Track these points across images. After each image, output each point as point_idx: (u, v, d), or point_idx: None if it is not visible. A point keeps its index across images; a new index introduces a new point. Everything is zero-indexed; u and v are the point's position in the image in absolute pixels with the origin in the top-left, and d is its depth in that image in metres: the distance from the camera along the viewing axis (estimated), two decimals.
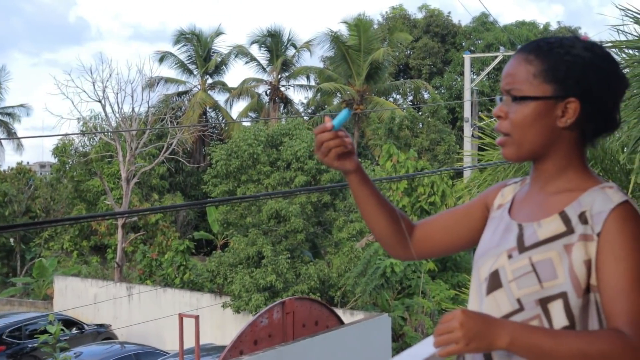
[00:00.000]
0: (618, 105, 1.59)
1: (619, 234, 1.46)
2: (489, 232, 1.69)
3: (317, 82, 34.04)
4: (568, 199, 1.55)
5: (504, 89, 1.59)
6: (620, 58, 3.74)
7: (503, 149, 1.61)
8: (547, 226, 1.54)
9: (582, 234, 1.49)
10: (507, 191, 1.73)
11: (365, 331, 13.41)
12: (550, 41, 1.58)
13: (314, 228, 21.24)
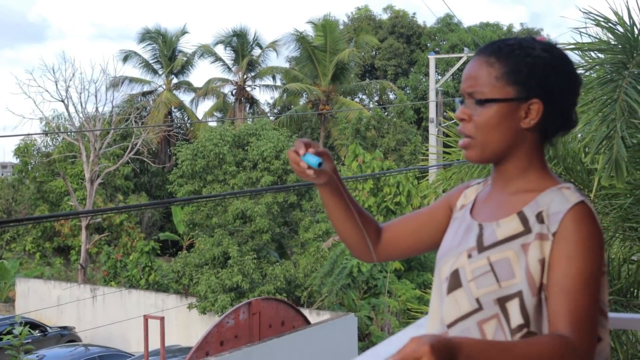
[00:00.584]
0: (576, 104, 1.62)
1: (574, 234, 1.47)
2: (451, 232, 1.71)
3: (283, 82, 34.00)
4: (527, 199, 1.57)
5: (466, 91, 1.59)
6: (583, 60, 3.80)
7: (466, 151, 1.61)
8: (506, 226, 1.56)
9: (538, 233, 1.50)
10: (470, 192, 1.75)
11: (331, 331, 13.43)
12: (510, 43, 1.59)
13: (280, 228, 21.21)
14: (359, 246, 1.80)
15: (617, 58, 3.50)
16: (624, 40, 3.53)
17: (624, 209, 4.15)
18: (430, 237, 1.78)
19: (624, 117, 3.34)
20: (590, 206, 1.51)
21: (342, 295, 18.19)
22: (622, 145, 3.31)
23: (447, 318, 1.59)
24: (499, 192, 1.64)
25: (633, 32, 3.55)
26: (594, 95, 3.53)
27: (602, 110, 3.49)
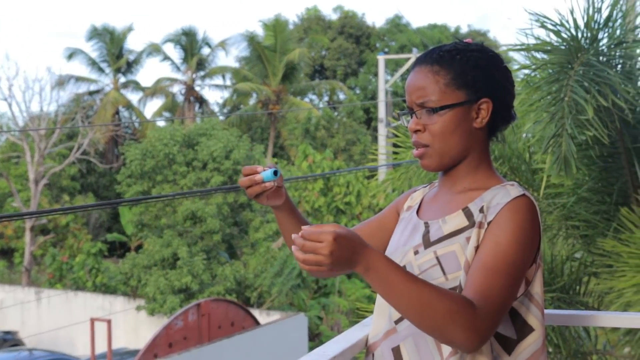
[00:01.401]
0: (514, 97, 1.70)
1: (506, 221, 1.52)
2: (398, 232, 1.74)
3: (233, 82, 33.83)
4: (472, 197, 1.62)
5: (416, 102, 1.62)
6: (529, 61, 3.86)
7: (423, 161, 1.64)
8: (452, 221, 1.60)
9: (477, 222, 1.55)
10: (417, 195, 1.79)
11: (281, 331, 13.42)
12: (448, 49, 1.64)
13: (230, 229, 21.12)
14: None
15: (562, 58, 3.57)
16: (568, 41, 3.60)
17: (567, 208, 4.23)
18: (382, 243, 1.80)
19: (571, 115, 3.40)
20: (531, 200, 1.56)
21: (292, 295, 18.20)
22: (571, 143, 3.38)
23: (395, 314, 1.61)
24: (446, 192, 1.68)
25: (577, 33, 3.62)
26: (541, 94, 3.59)
27: (550, 109, 3.55)
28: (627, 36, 3.75)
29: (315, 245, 1.35)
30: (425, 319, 1.39)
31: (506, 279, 1.47)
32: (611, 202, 4.08)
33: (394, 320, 1.61)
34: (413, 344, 1.58)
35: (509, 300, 1.47)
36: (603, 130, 3.44)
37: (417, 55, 25.24)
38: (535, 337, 1.57)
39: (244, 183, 1.65)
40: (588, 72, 3.40)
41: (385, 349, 1.62)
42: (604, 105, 3.42)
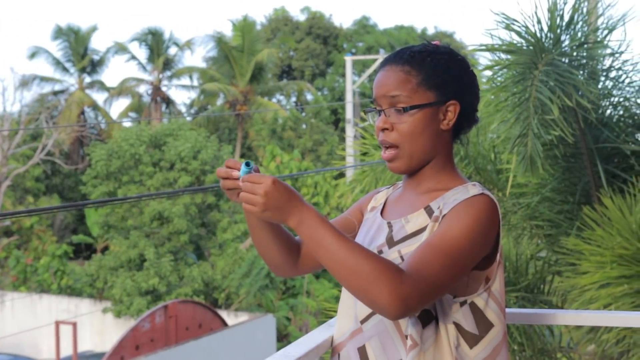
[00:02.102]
0: (479, 100, 1.72)
1: (461, 213, 1.53)
2: (362, 232, 1.74)
3: (200, 82, 33.64)
4: (435, 196, 1.63)
5: (385, 101, 1.63)
6: (494, 61, 3.90)
7: (391, 163, 1.65)
8: (414, 220, 1.62)
9: (434, 216, 1.57)
10: (380, 195, 1.80)
11: (249, 332, 13.39)
12: (418, 50, 1.65)
13: (198, 229, 21.00)
14: (283, 265, 1.77)
15: (527, 58, 3.61)
16: (532, 42, 3.64)
17: (531, 208, 4.28)
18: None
19: (537, 115, 3.44)
20: (490, 199, 1.57)
21: (260, 296, 18.16)
22: (537, 142, 3.42)
23: (361, 314, 1.61)
24: (410, 192, 1.69)
25: (541, 34, 3.67)
26: (506, 94, 3.63)
27: (516, 109, 3.59)
28: (589, 37, 3.81)
29: (253, 185, 1.44)
30: (352, 277, 1.41)
31: (444, 259, 1.46)
32: (574, 202, 4.13)
33: (360, 320, 1.61)
34: (379, 343, 1.58)
35: (444, 281, 1.46)
36: (568, 129, 3.49)
37: (384, 56, 25.35)
38: (496, 332, 1.59)
39: (220, 173, 1.62)
40: (552, 72, 3.44)
41: (351, 349, 1.62)
42: (568, 105, 3.47)
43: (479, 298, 1.57)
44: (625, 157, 4.02)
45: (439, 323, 1.55)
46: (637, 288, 3.38)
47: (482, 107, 3.83)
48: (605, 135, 3.98)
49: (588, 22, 3.76)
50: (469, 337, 1.56)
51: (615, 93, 4.23)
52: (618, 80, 4.17)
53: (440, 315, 1.55)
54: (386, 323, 1.58)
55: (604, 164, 3.99)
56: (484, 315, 1.58)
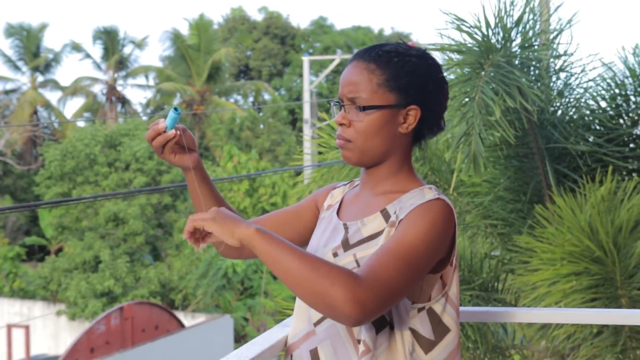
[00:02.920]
0: (446, 108, 1.70)
1: (416, 217, 1.52)
2: (318, 232, 1.73)
3: (156, 81, 33.33)
4: (391, 199, 1.62)
5: (347, 96, 1.61)
6: (444, 61, 3.94)
7: (344, 152, 1.64)
8: (370, 223, 1.61)
9: (391, 221, 1.56)
10: (337, 193, 1.78)
11: (207, 333, 13.31)
12: (388, 50, 1.63)
13: (154, 230, 20.81)
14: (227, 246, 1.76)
15: (474, 59, 3.65)
16: (481, 43, 3.69)
17: (484, 207, 4.33)
18: (298, 233, 1.79)
19: (481, 115, 3.48)
20: (446, 203, 1.56)
21: (218, 297, 18.07)
22: (479, 142, 3.46)
23: (315, 316, 1.61)
24: (366, 193, 1.68)
25: (488, 35, 3.72)
26: (454, 94, 3.67)
27: (461, 108, 3.63)
28: (538, 39, 3.87)
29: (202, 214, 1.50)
30: (306, 282, 1.39)
31: (401, 263, 1.45)
32: (526, 201, 4.20)
33: (313, 323, 1.61)
34: (331, 346, 1.58)
35: (401, 285, 1.45)
36: (510, 131, 3.54)
37: (341, 56, 25.40)
38: (451, 337, 1.59)
39: (148, 135, 1.62)
40: (497, 73, 3.49)
41: (304, 351, 1.62)
42: (514, 107, 3.52)
43: (437, 304, 1.57)
44: (575, 157, 4.10)
45: (394, 329, 1.54)
46: (586, 284, 3.45)
47: None
48: (556, 136, 4.06)
49: (536, 24, 3.83)
50: (425, 342, 1.56)
51: (565, 94, 4.31)
52: (568, 81, 4.26)
53: (397, 321, 1.54)
54: (338, 327, 1.57)
55: (554, 164, 4.06)
56: (441, 320, 1.58)
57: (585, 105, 4.38)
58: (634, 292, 3.46)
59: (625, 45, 4.84)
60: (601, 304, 3.49)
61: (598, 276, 3.48)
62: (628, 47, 4.47)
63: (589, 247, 3.49)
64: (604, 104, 4.43)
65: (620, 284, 3.46)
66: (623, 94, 4.35)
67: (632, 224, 3.55)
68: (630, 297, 3.46)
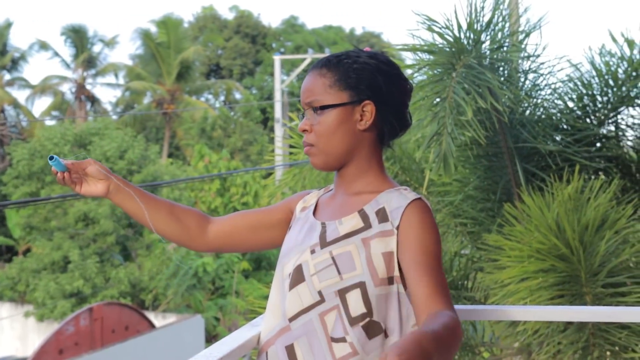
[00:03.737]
0: (407, 104, 1.73)
1: (418, 222, 1.59)
2: (294, 232, 1.75)
3: (126, 80, 33.06)
4: (367, 199, 1.67)
5: (305, 102, 1.68)
6: (416, 61, 3.97)
7: (311, 158, 1.70)
8: (348, 223, 1.65)
9: (381, 230, 1.60)
10: (310, 197, 1.81)
11: (177, 333, 13.25)
12: (339, 55, 1.70)
13: (124, 230, 20.66)
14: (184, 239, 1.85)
15: (446, 59, 3.68)
16: (452, 43, 3.72)
17: (454, 206, 4.37)
18: (268, 234, 1.82)
19: (452, 115, 3.52)
20: (426, 202, 1.65)
21: (188, 297, 17.99)
22: (450, 142, 3.49)
23: (290, 312, 1.63)
24: (341, 194, 1.72)
25: (460, 36, 3.75)
26: (425, 93, 3.70)
27: (432, 108, 3.66)
28: (510, 39, 3.91)
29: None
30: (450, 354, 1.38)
31: (442, 273, 1.56)
32: (496, 200, 4.24)
33: (288, 318, 1.63)
34: (307, 343, 1.60)
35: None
36: (481, 131, 3.58)
37: (312, 55, 25.41)
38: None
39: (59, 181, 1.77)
40: (469, 74, 3.53)
41: (279, 347, 1.63)
42: (485, 107, 3.56)
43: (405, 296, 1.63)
44: (543, 157, 4.15)
45: (388, 337, 1.58)
46: (552, 282, 3.50)
47: None
48: (524, 136, 4.10)
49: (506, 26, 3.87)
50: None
51: (534, 94, 4.36)
52: (536, 82, 4.31)
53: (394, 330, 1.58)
54: (315, 324, 1.59)
55: (523, 163, 4.11)
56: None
57: (553, 106, 4.44)
58: (598, 290, 3.52)
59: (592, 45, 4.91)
60: (567, 300, 3.54)
61: (564, 274, 3.53)
62: (595, 47, 4.53)
63: (555, 245, 3.54)
64: (572, 104, 4.49)
65: (585, 282, 3.51)
66: (590, 94, 4.41)
67: (598, 222, 3.60)
68: (594, 295, 3.51)
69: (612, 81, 4.39)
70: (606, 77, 4.39)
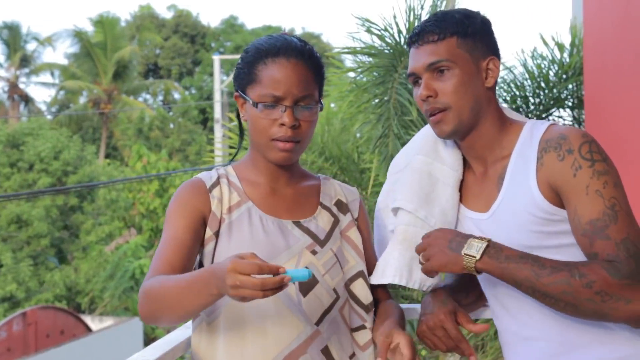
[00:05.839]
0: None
1: (366, 218, 1.78)
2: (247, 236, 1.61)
3: (61, 79, 32.38)
4: (315, 190, 1.72)
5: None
6: (358, 64, 4.00)
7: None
8: (321, 218, 1.69)
9: (347, 222, 1.72)
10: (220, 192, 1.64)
11: (115, 337, 13.04)
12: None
13: (60, 232, 20.25)
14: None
15: (387, 61, 3.72)
16: (392, 45, 3.76)
17: None
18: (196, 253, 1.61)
19: (397, 116, 3.55)
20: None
21: (126, 299, 17.74)
22: (397, 143, 3.53)
23: (313, 316, 1.60)
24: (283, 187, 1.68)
25: (399, 38, 3.79)
26: (368, 96, 3.73)
27: (377, 110, 3.69)
28: None
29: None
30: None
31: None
32: None
33: (315, 322, 1.60)
34: (337, 340, 1.63)
35: None
36: None
37: None
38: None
39: (267, 284, 1.30)
40: None
41: (314, 353, 1.59)
42: None
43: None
44: None
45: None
46: None
47: (345, 108, 3.92)
48: None
49: None
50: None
51: None
52: None
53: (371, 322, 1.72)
54: (338, 320, 1.64)
55: None
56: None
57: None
58: None
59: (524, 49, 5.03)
60: None
61: None
62: (527, 50, 4.64)
63: None
64: (506, 105, 4.59)
65: None
66: (523, 96, 4.52)
67: None
68: None
69: (543, 83, 4.51)
70: (538, 80, 4.51)
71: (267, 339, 1.57)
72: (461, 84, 1.59)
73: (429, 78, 1.61)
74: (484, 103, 1.62)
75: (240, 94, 1.66)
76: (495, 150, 1.63)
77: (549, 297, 1.44)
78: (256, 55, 1.64)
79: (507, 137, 1.63)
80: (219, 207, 1.63)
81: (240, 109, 1.68)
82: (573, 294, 1.41)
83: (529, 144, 1.57)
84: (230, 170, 1.71)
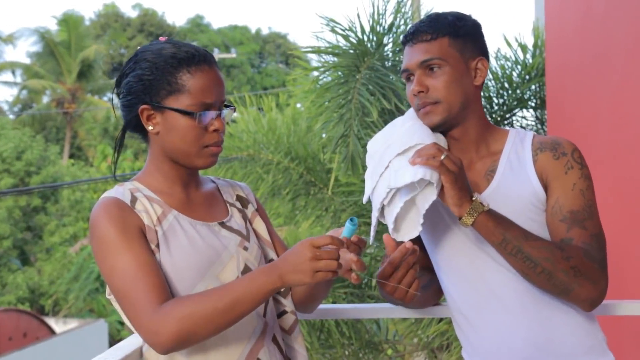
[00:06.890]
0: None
1: (261, 205, 1.86)
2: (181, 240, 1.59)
3: (23, 78, 31.91)
4: (216, 191, 1.76)
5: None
6: (322, 63, 4.00)
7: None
8: (236, 216, 1.74)
9: (253, 211, 1.79)
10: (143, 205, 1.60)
11: (80, 339, 12.90)
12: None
13: (22, 233, 19.97)
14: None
15: (350, 62, 3.73)
16: (356, 45, 3.77)
17: (358, 205, 4.42)
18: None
19: (358, 117, 3.56)
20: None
21: (91, 301, 17.56)
22: (357, 143, 3.54)
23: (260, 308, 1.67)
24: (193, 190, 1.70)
25: (363, 38, 3.80)
26: (331, 96, 3.73)
27: (339, 110, 3.70)
28: None
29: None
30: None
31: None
32: None
33: (262, 315, 1.65)
34: (278, 328, 1.71)
35: None
36: None
37: (218, 55, 25.25)
38: None
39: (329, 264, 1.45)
40: (373, 76, 3.58)
41: (268, 344, 1.64)
42: (389, 108, 3.62)
43: None
44: None
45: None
46: None
47: (308, 107, 3.92)
48: None
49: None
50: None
51: None
52: None
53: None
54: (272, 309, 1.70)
55: None
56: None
57: None
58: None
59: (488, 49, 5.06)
60: None
61: None
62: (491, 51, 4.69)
63: None
64: None
65: None
66: (487, 96, 4.56)
67: None
68: None
69: (507, 84, 4.55)
70: (502, 80, 4.55)
71: (228, 340, 1.58)
72: (452, 80, 1.70)
73: (421, 74, 1.71)
74: (472, 100, 1.74)
75: (156, 105, 1.58)
76: (480, 147, 1.77)
77: (530, 260, 1.60)
78: (175, 65, 1.58)
79: (492, 137, 1.78)
80: (150, 219, 1.58)
81: (147, 121, 1.59)
82: (553, 261, 1.58)
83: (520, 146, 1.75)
84: (138, 184, 1.64)
